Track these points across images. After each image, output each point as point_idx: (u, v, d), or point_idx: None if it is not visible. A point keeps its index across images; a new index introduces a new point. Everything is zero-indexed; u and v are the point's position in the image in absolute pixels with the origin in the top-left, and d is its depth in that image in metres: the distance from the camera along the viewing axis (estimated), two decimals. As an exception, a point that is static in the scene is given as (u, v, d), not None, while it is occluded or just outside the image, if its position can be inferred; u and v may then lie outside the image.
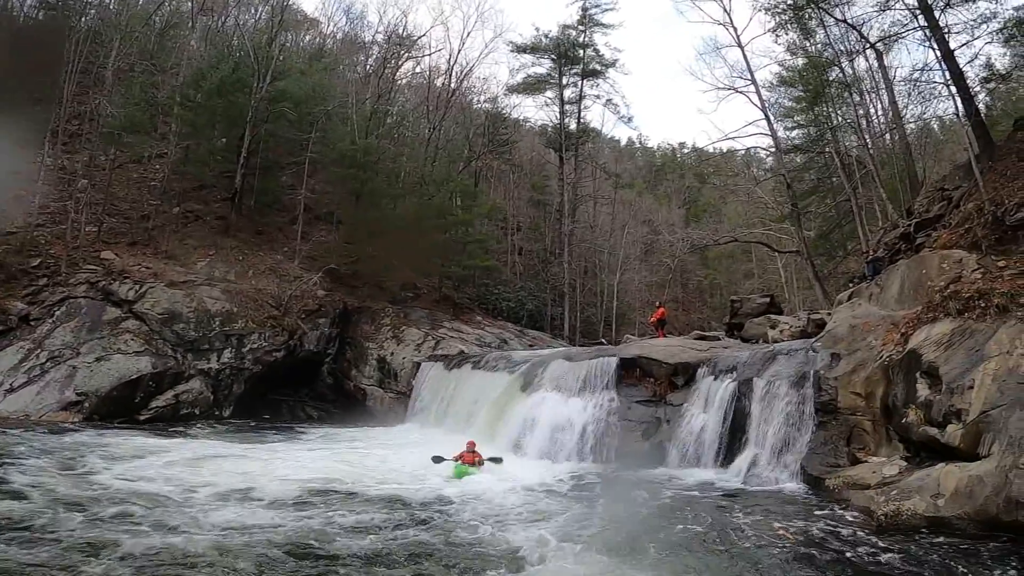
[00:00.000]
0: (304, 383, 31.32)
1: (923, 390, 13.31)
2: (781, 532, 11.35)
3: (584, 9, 51.99)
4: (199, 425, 24.63)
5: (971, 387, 12.18)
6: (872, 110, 36.14)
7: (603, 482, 16.31)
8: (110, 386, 23.93)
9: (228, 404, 27.45)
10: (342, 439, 23.53)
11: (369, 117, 40.71)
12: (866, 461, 14.05)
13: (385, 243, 35.65)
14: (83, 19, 36.43)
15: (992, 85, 28.13)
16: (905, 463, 13.21)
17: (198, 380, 26.41)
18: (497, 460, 17.44)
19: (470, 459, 16.85)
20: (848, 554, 10.24)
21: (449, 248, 39.49)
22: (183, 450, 18.39)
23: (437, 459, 17.02)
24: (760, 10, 32.40)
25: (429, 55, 69.33)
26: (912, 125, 32.95)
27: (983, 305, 13.46)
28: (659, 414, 19.04)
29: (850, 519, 12.03)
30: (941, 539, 10.61)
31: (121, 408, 23.92)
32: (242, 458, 17.84)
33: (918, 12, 23.41)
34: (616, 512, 12.90)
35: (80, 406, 23.21)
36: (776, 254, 47.20)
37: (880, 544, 10.61)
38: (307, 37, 54.14)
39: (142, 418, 24.18)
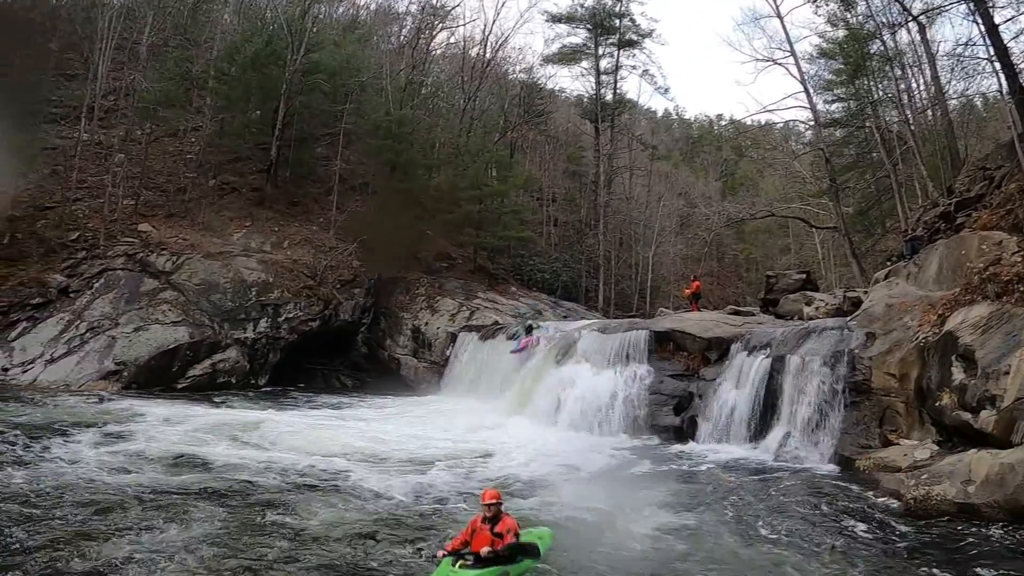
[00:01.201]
0: (338, 352, 31.75)
1: (958, 374, 13.12)
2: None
3: (621, -22, 51.21)
4: (243, 393, 25.30)
5: (1007, 373, 11.95)
6: (914, 85, 35.22)
7: (637, 457, 16.40)
8: (148, 355, 24.48)
9: (264, 373, 27.93)
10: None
11: (403, 88, 40.59)
12: (898, 443, 13.92)
13: (420, 214, 35.75)
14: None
15: (1038, 62, 27.32)
16: (937, 447, 13.06)
17: (234, 349, 26.86)
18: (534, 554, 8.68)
19: (483, 536, 8.36)
20: (875, 536, 10.23)
21: (484, 219, 39.55)
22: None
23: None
24: (801, -20, 31.81)
25: (464, 25, 69.25)
26: (954, 101, 32.00)
27: (1022, 289, 13.20)
28: (691, 388, 19.01)
29: (879, 501, 11.96)
30: (969, 526, 10.46)
31: (159, 377, 24.53)
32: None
33: (962, -15, 22.80)
34: (654, 489, 13.00)
35: (119, 375, 23.80)
36: (813, 230, 46.60)
37: (907, 528, 10.56)
38: (340, 8, 53.75)
39: (179, 386, 24.80)
